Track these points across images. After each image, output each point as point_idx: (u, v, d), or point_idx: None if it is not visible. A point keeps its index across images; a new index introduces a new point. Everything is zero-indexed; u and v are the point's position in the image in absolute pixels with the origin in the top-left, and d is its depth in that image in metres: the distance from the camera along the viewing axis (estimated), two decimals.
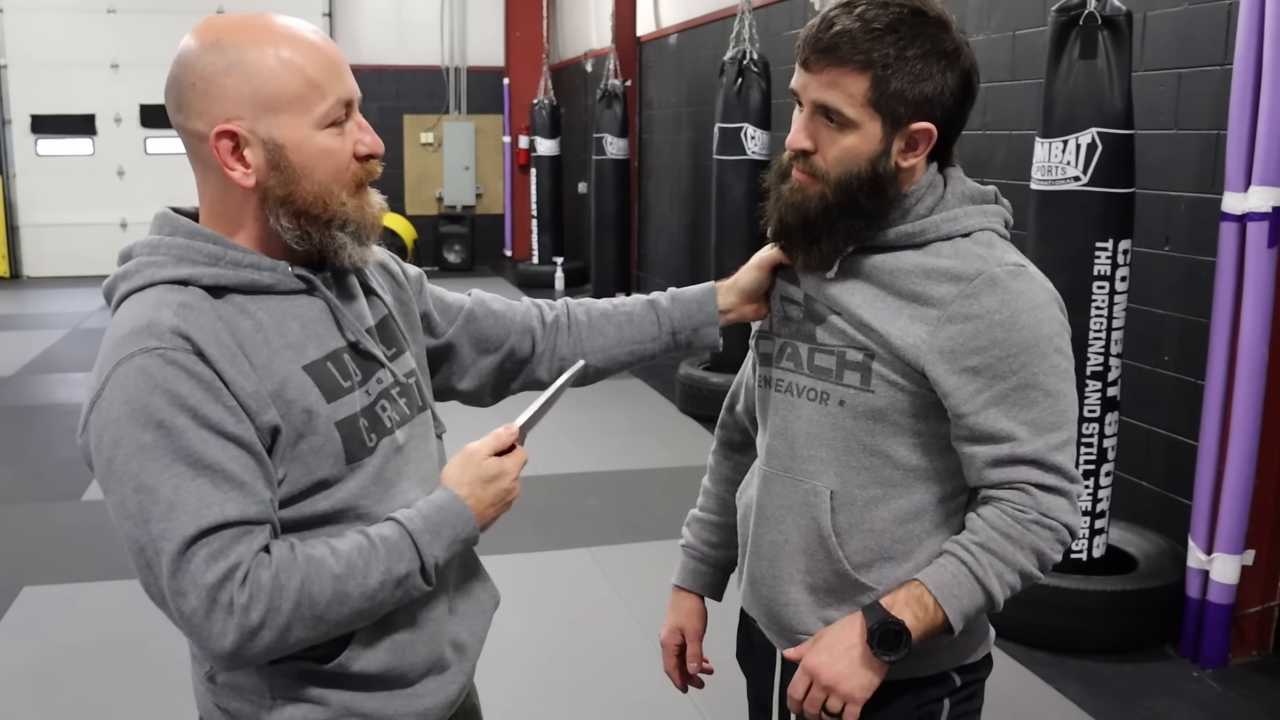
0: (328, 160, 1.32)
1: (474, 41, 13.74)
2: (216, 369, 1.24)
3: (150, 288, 1.30)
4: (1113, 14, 3.41)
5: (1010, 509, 1.46)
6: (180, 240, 1.32)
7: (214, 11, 13.36)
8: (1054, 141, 3.50)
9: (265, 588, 1.22)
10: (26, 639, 3.81)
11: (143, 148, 12.95)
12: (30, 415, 6.90)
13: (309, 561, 1.26)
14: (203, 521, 1.20)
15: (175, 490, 1.20)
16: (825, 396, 1.55)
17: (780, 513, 1.61)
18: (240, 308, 1.31)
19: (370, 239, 1.38)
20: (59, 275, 12.64)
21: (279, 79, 1.28)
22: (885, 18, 1.43)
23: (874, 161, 1.47)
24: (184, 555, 1.20)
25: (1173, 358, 3.93)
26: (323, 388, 1.33)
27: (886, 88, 1.44)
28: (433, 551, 1.34)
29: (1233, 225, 3.38)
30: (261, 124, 1.29)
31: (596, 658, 3.67)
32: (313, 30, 1.34)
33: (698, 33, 8.78)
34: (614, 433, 6.42)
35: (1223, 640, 3.52)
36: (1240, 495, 3.42)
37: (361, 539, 1.31)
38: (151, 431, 1.21)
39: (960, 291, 1.46)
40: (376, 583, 1.29)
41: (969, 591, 1.45)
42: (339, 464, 1.34)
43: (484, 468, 1.41)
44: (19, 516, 5.08)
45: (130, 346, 1.24)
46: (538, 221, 12.00)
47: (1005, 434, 1.45)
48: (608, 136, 9.36)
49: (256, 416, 1.26)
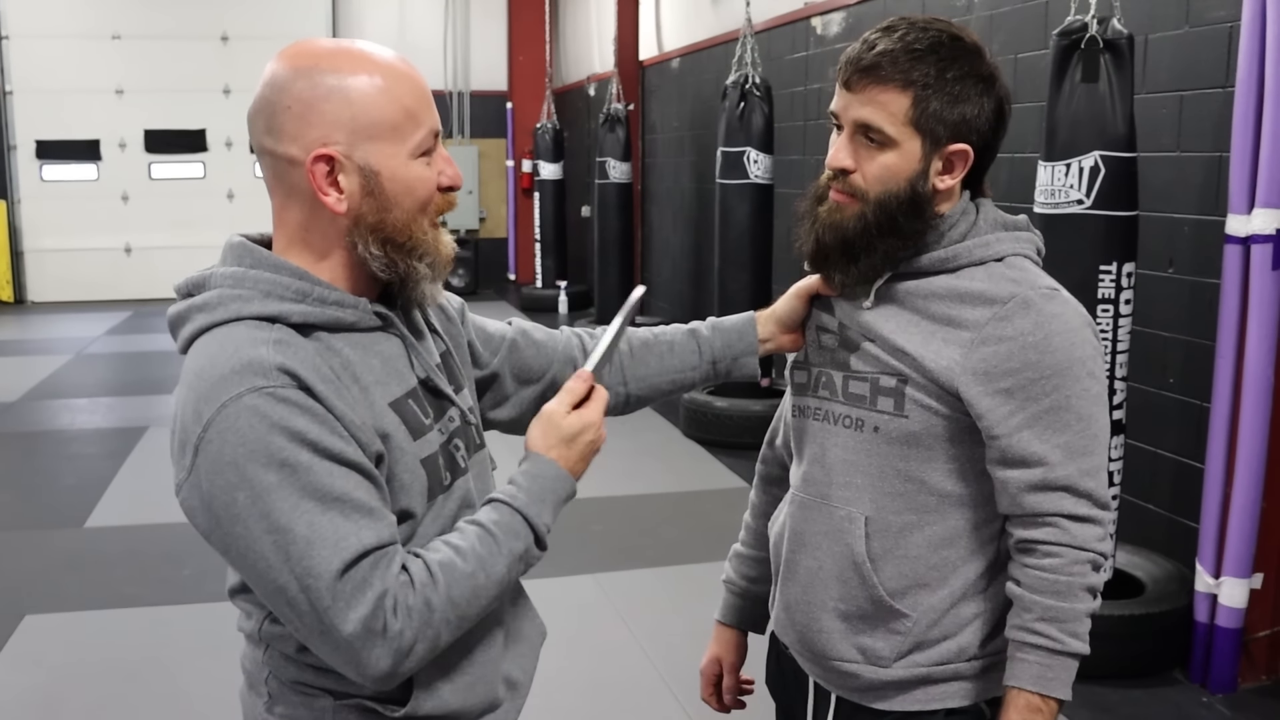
0: (418, 189, 1.32)
1: (477, 65, 13.80)
2: (325, 403, 1.23)
3: (235, 323, 1.27)
4: (1114, 37, 3.42)
5: (1048, 562, 1.46)
6: (266, 274, 1.30)
7: (218, 38, 13.50)
8: (1057, 165, 3.50)
9: (416, 610, 1.24)
10: (28, 668, 3.79)
11: (147, 173, 13.01)
12: (34, 441, 6.90)
13: (443, 570, 1.27)
14: (345, 554, 1.20)
15: (310, 527, 1.19)
16: (860, 423, 1.55)
17: (816, 539, 1.61)
18: (327, 345, 1.30)
19: (443, 274, 1.39)
20: (63, 300, 12.66)
21: (379, 106, 1.29)
22: (925, 40, 1.47)
23: (913, 181, 1.49)
24: (333, 591, 1.20)
25: (1178, 380, 3.92)
26: (408, 425, 1.34)
27: (927, 107, 1.47)
28: (543, 519, 1.36)
29: (1236, 247, 3.38)
30: (358, 150, 1.28)
31: (602, 685, 3.64)
32: (403, 60, 1.34)
33: (700, 56, 8.81)
34: (618, 458, 6.38)
35: (1232, 665, 3.49)
36: (1248, 518, 3.41)
37: (478, 529, 1.33)
38: (275, 471, 1.19)
39: (994, 314, 1.47)
40: (504, 567, 1.32)
41: (1060, 665, 1.46)
42: (422, 500, 1.35)
43: (565, 426, 1.40)
44: (21, 543, 5.06)
45: (235, 387, 1.21)
46: (541, 245, 12.01)
47: (1038, 458, 1.45)
48: (610, 160, 9.38)
49: (365, 446, 1.26)
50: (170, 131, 12.90)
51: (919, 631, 1.54)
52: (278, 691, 1.38)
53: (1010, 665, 1.48)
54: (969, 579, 1.54)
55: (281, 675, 1.37)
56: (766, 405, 6.19)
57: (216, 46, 12.83)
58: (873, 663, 1.57)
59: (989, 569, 1.55)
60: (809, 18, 6.83)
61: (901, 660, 1.55)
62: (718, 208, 6.64)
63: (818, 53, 6.74)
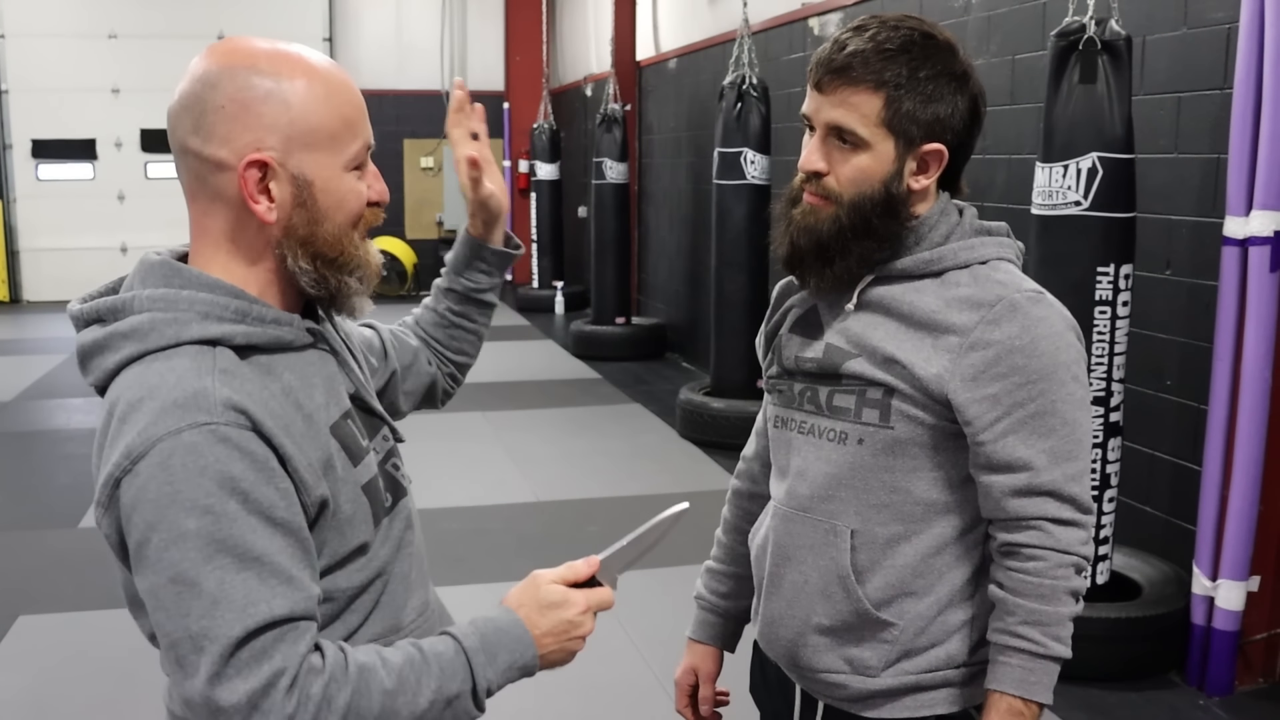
0: (350, 202, 1.27)
1: (474, 66, 13.80)
2: (274, 444, 1.15)
3: (173, 349, 1.18)
4: (1112, 39, 3.41)
5: (1031, 565, 1.45)
6: (202, 295, 1.21)
7: (215, 37, 13.45)
8: (1054, 166, 3.49)
9: (314, 699, 1.13)
10: (21, 669, 3.78)
11: (143, 172, 13.00)
12: (28, 441, 6.88)
13: (360, 673, 1.17)
14: (249, 621, 1.10)
15: (219, 585, 1.10)
16: (844, 436, 1.54)
17: (800, 553, 1.59)
18: (266, 368, 1.22)
19: (372, 287, 1.33)
20: (58, 300, 12.63)
21: (318, 114, 1.22)
22: (897, 39, 1.45)
23: (887, 182, 1.48)
24: (227, 657, 1.10)
25: (1175, 382, 3.91)
26: (348, 451, 1.27)
27: (899, 107, 1.45)
28: (486, 675, 1.24)
29: (1234, 249, 3.37)
30: (293, 158, 1.22)
31: (598, 687, 3.63)
32: (339, 68, 1.30)
33: (697, 57, 8.80)
34: (614, 458, 6.40)
35: (1229, 667, 3.49)
36: (1245, 521, 3.40)
37: (415, 653, 1.22)
38: (196, 518, 1.10)
39: (981, 318, 1.46)
40: (426, 702, 1.20)
41: (1042, 669, 1.45)
42: (369, 528, 1.29)
43: (544, 592, 1.30)
44: (15, 544, 5.05)
45: (175, 422, 1.12)
46: (538, 245, 12.02)
47: (1023, 463, 1.45)
48: (607, 161, 9.37)
49: (309, 492, 1.18)
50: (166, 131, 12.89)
51: (906, 640, 1.54)
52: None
53: (992, 668, 1.48)
54: (955, 586, 1.53)
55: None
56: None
57: None
58: (860, 673, 1.56)
59: (974, 575, 1.55)
60: (806, 18, 6.82)
61: (890, 669, 1.55)
62: (714, 208, 6.64)
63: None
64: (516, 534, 5.03)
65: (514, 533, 5.04)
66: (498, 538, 4.95)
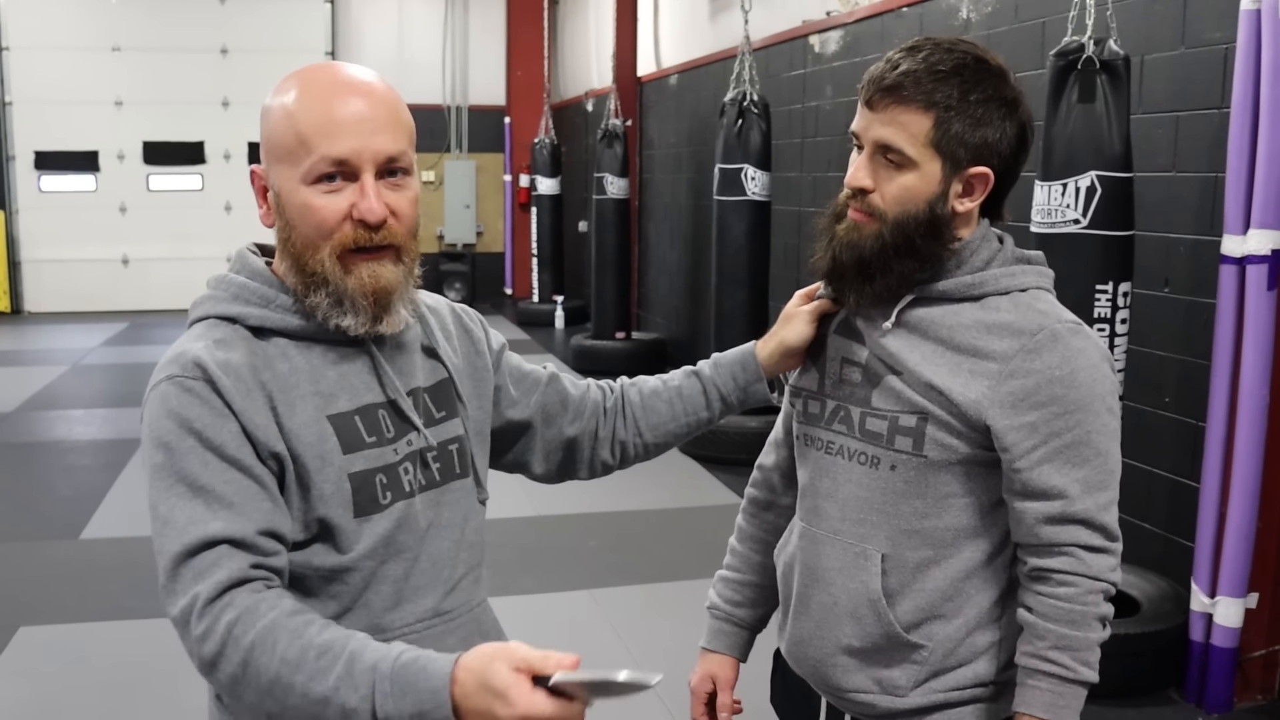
0: (308, 216, 1.33)
1: (475, 80, 13.84)
2: (226, 398, 1.29)
3: (203, 320, 1.38)
4: (1111, 58, 3.43)
5: (1062, 591, 1.47)
6: (243, 279, 1.39)
7: (218, 51, 13.52)
8: (1053, 184, 3.51)
9: (220, 630, 1.21)
10: (22, 681, 3.77)
11: (145, 184, 13.02)
12: (29, 452, 6.88)
13: (272, 629, 1.20)
14: (186, 539, 1.24)
15: (171, 509, 1.27)
16: (876, 461, 1.55)
17: (830, 575, 1.60)
18: (282, 350, 1.36)
19: (356, 309, 1.34)
20: (60, 311, 12.66)
21: (279, 130, 1.34)
22: (950, 61, 1.46)
23: (932, 203, 1.49)
24: (172, 573, 1.25)
25: (1173, 400, 3.93)
26: (342, 438, 1.35)
27: (948, 129, 1.46)
28: (386, 707, 1.16)
29: (1232, 268, 3.39)
30: (271, 170, 1.37)
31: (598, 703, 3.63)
32: (346, 83, 1.33)
33: (698, 73, 8.83)
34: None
35: (1227, 684, 3.49)
36: (1243, 538, 3.41)
37: (342, 643, 1.20)
38: (162, 451, 1.29)
39: (1022, 346, 1.47)
40: (320, 695, 1.18)
41: (1071, 693, 1.47)
42: (347, 514, 1.34)
43: (492, 673, 1.14)
44: (16, 555, 5.05)
45: (160, 374, 1.33)
46: (538, 260, 12.03)
47: (1057, 491, 1.47)
48: (608, 176, 9.39)
49: (262, 445, 1.30)
50: (169, 143, 12.93)
51: (936, 660, 1.55)
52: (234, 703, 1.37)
53: (1021, 691, 1.49)
54: (983, 608, 1.55)
55: None
56: (762, 422, 6.19)
57: (216, 59, 12.86)
58: (889, 693, 1.57)
59: (1001, 597, 1.56)
60: (807, 35, 6.86)
61: (919, 688, 1.56)
62: (715, 224, 6.65)
63: (815, 70, 6.77)
64: (516, 548, 5.03)
65: (514, 547, 5.04)
66: (498, 552, 4.95)
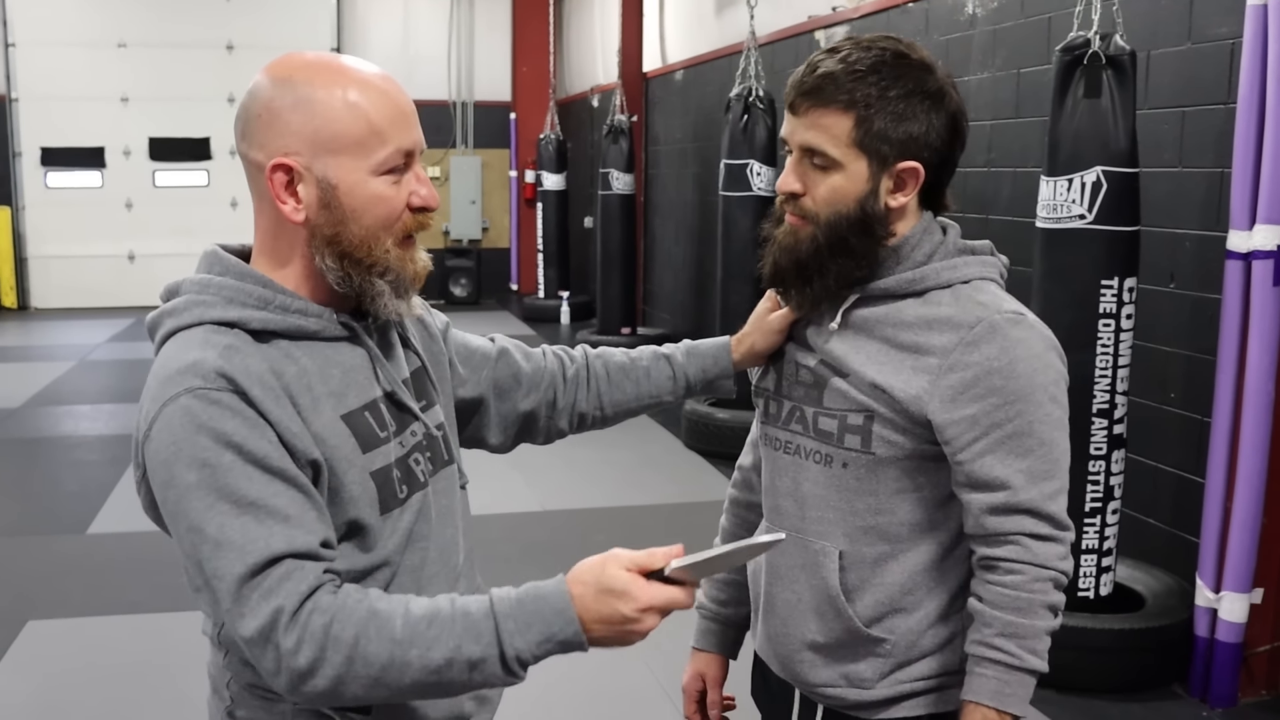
0: (379, 207, 1.32)
1: (481, 76, 13.84)
2: (260, 408, 1.24)
3: (196, 327, 1.30)
4: (1117, 53, 3.43)
5: (1009, 579, 1.47)
6: (230, 281, 1.33)
7: (224, 47, 13.52)
8: (1059, 180, 3.51)
9: (316, 635, 1.19)
10: (30, 674, 3.79)
11: (151, 180, 13.05)
12: (37, 447, 6.91)
13: (372, 617, 1.21)
14: (250, 559, 1.20)
15: (220, 529, 1.21)
16: (829, 459, 1.56)
17: (792, 572, 1.62)
18: (285, 352, 1.31)
19: (409, 292, 1.38)
20: (67, 307, 12.68)
21: (342, 121, 1.30)
22: (868, 60, 1.47)
23: (862, 201, 1.49)
24: (238, 594, 1.20)
25: (1179, 395, 3.93)
26: (359, 438, 1.33)
27: (870, 127, 1.47)
28: (515, 643, 1.21)
29: (1238, 263, 3.39)
30: (318, 162, 1.30)
31: (604, 695, 3.65)
32: (383, 77, 1.35)
33: (704, 69, 8.83)
34: (621, 468, 6.41)
35: (1232, 679, 3.50)
36: (1248, 533, 3.41)
37: (444, 606, 1.23)
38: (196, 471, 1.21)
39: (960, 339, 1.48)
40: (441, 659, 1.20)
41: (1018, 681, 1.47)
42: (374, 513, 1.34)
43: (608, 577, 1.22)
44: (24, 549, 5.07)
45: (175, 387, 1.24)
46: (544, 256, 12.04)
47: (1001, 482, 1.47)
48: (614, 171, 9.40)
49: (300, 455, 1.26)
50: (175, 139, 12.96)
51: (900, 653, 1.57)
52: (239, 695, 1.38)
53: (969, 679, 1.50)
54: (943, 600, 1.56)
55: (241, 679, 1.37)
56: None
57: (222, 55, 12.87)
58: (856, 685, 1.59)
59: (962, 588, 1.57)
60: (813, 31, 6.86)
61: (885, 680, 1.58)
62: (720, 220, 6.66)
63: None
64: (522, 543, 5.04)
65: (520, 541, 5.06)
66: (503, 547, 4.96)
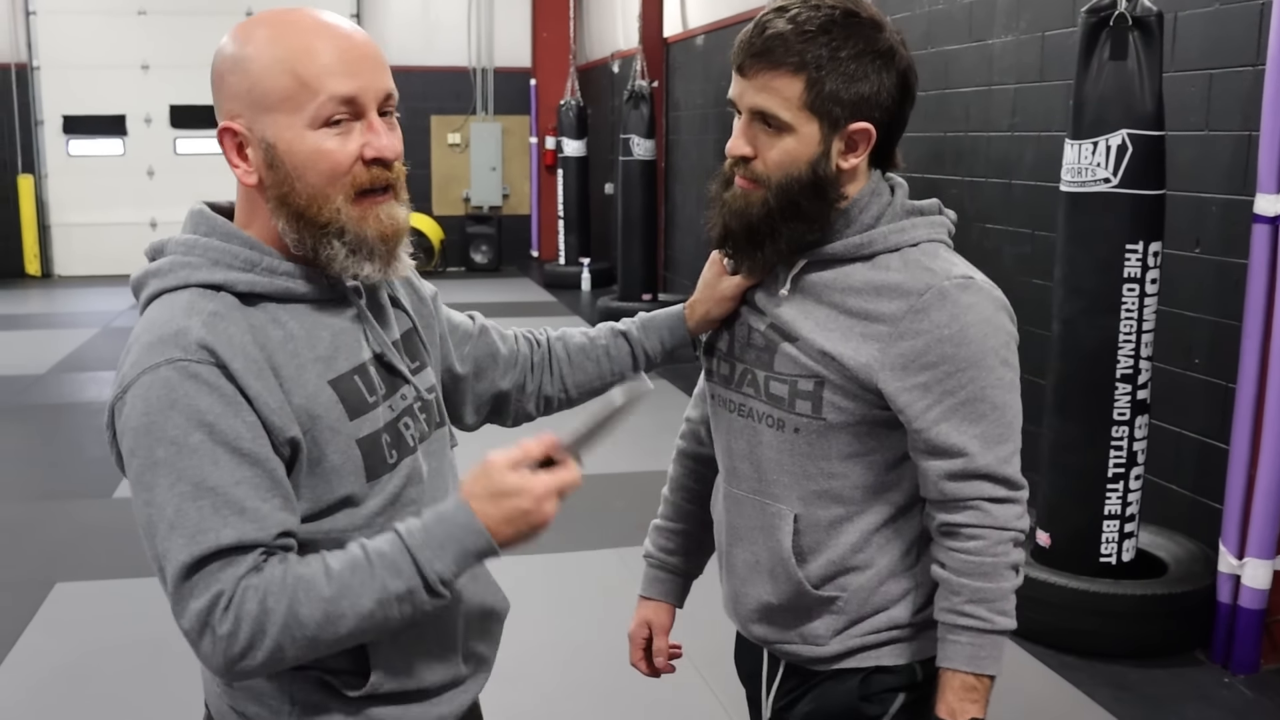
0: (321, 161, 1.27)
1: (501, 43, 13.79)
2: (239, 384, 1.22)
3: (182, 290, 1.27)
4: (1143, 14, 3.39)
5: (972, 544, 1.48)
6: (216, 242, 1.30)
7: (244, 14, 13.51)
8: (1084, 143, 3.48)
9: (249, 615, 1.19)
10: (59, 635, 3.86)
11: (172, 148, 13.08)
12: (61, 413, 6.97)
13: (298, 583, 1.21)
14: (196, 549, 1.19)
15: (177, 511, 1.19)
16: (781, 423, 1.57)
17: (750, 533, 1.64)
18: (272, 316, 1.28)
19: (374, 254, 1.31)
20: (89, 274, 12.76)
21: (270, 77, 1.26)
22: (817, 19, 1.45)
23: (814, 164, 1.48)
24: (181, 580, 1.20)
25: (1203, 361, 3.90)
26: (346, 404, 1.31)
27: (821, 89, 1.45)
28: (434, 567, 1.24)
29: (1265, 227, 3.35)
30: (258, 123, 1.27)
31: (623, 658, 3.66)
32: (328, 25, 1.30)
33: (725, 34, 8.78)
34: (640, 435, 6.36)
35: (1254, 645, 3.49)
36: (1272, 500, 3.40)
37: (359, 554, 1.24)
38: (164, 447, 1.20)
39: (910, 307, 1.47)
40: (371, 602, 1.23)
41: (990, 643, 1.49)
42: (360, 481, 1.32)
43: (496, 481, 1.26)
44: (51, 514, 5.13)
45: (156, 356, 1.22)
46: (564, 222, 12.03)
47: (958, 448, 1.47)
48: (634, 137, 9.36)
49: (278, 432, 1.24)
50: (196, 107, 12.94)
51: (852, 609, 1.59)
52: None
53: (942, 647, 1.51)
54: (894, 558, 1.58)
55: None
56: None
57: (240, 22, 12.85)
58: (811, 643, 1.62)
59: (912, 547, 1.59)
60: None
61: (838, 636, 1.60)
62: None
63: None
64: None
65: None
66: None
